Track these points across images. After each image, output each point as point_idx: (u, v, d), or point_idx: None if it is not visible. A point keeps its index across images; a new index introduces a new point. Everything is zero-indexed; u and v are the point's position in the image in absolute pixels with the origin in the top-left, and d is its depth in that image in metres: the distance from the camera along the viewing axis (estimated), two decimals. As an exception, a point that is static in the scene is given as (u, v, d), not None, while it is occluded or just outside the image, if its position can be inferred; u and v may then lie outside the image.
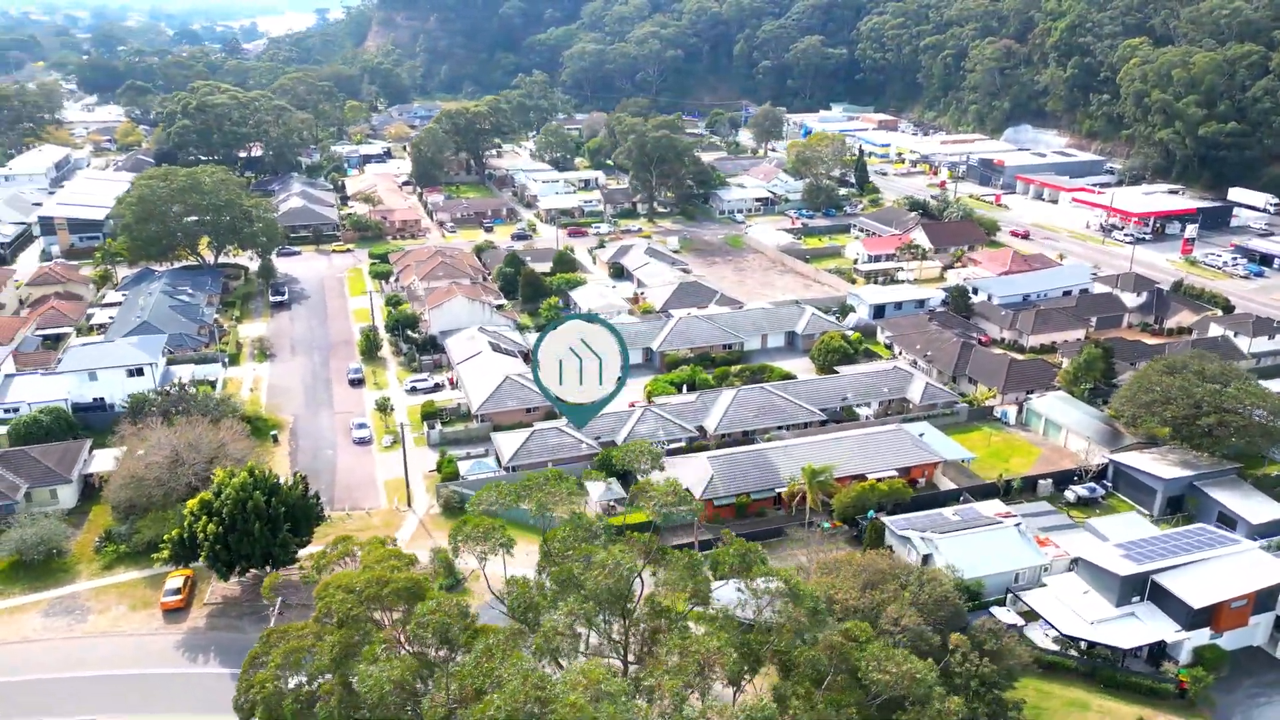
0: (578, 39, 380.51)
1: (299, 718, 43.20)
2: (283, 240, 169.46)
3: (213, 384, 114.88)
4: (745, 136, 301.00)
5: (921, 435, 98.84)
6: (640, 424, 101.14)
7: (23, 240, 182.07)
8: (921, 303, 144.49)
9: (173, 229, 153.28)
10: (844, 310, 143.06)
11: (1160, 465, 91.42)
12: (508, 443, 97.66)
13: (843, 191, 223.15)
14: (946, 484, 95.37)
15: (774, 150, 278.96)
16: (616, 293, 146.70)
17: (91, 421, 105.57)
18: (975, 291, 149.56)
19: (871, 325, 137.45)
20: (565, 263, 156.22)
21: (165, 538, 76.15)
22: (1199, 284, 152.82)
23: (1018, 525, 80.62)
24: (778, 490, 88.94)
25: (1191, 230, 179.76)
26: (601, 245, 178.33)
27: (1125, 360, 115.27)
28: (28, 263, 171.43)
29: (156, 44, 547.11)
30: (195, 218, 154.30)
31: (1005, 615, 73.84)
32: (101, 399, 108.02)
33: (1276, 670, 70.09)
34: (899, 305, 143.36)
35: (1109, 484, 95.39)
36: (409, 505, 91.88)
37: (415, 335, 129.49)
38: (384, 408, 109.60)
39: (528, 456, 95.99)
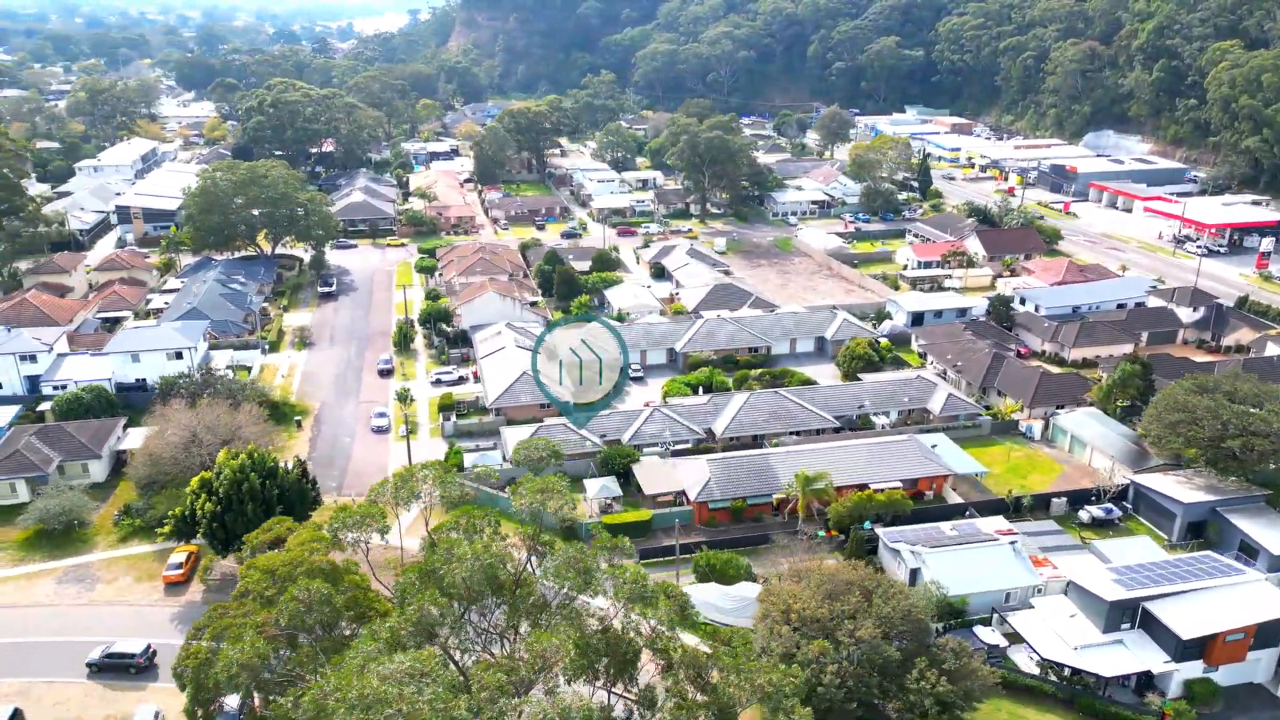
0: (652, 39, 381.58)
1: (220, 688, 45.23)
2: (337, 233, 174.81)
3: (248, 369, 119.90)
4: (812, 139, 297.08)
5: (934, 447, 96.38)
6: (648, 424, 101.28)
7: (103, 228, 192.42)
8: (964, 311, 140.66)
9: (233, 220, 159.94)
10: (879, 317, 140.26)
11: (1181, 488, 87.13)
12: (514, 437, 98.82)
13: (903, 196, 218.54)
14: (956, 498, 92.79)
15: (840, 153, 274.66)
16: (650, 293, 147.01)
17: (133, 401, 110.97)
18: (1023, 301, 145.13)
19: (906, 333, 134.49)
20: (605, 261, 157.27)
21: (169, 514, 79.78)
22: (1268, 300, 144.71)
23: (1013, 544, 77.98)
24: (775, 496, 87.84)
25: (1268, 244, 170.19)
26: (646, 245, 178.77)
27: (1168, 377, 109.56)
28: (104, 249, 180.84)
29: (256, 43, 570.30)
30: (255, 210, 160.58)
31: (989, 635, 71.62)
32: (144, 379, 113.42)
33: (1276, 709, 66.18)
34: (939, 313, 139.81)
35: (1129, 505, 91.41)
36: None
37: (447, 329, 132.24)
38: (404, 398, 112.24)
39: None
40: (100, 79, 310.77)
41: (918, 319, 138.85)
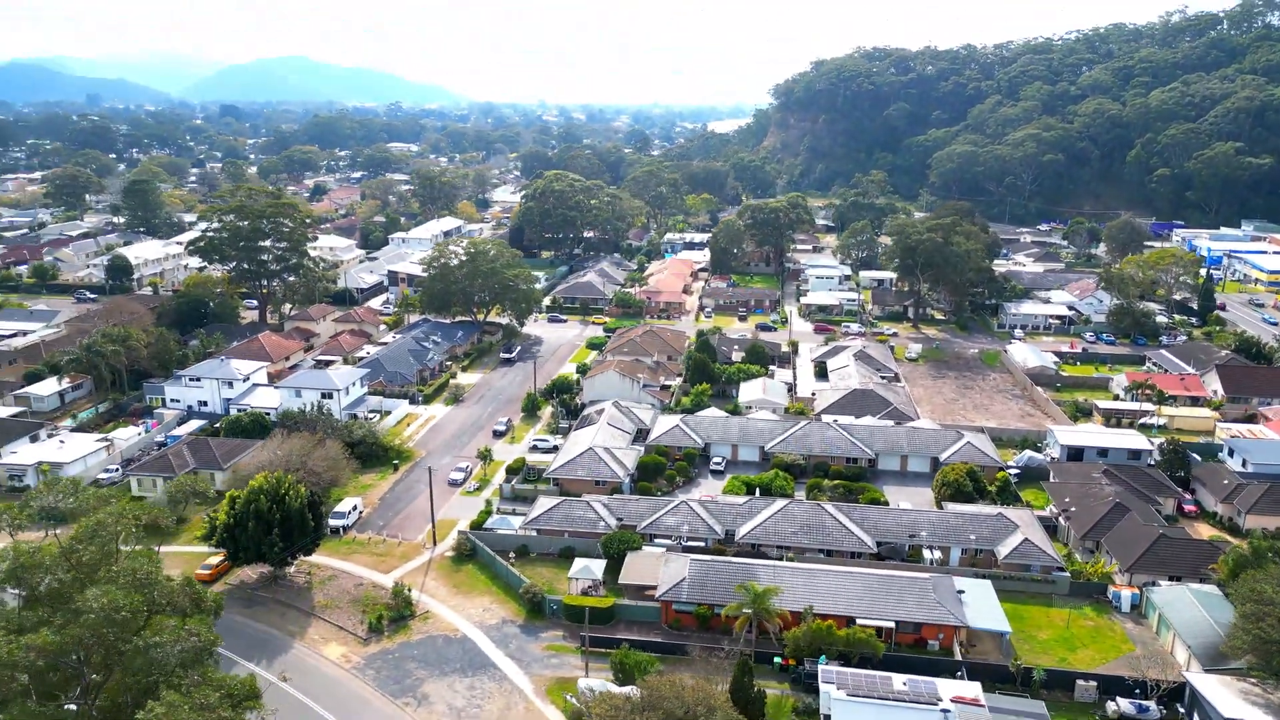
0: (955, 141, 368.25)
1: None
2: (537, 306, 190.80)
3: (388, 414, 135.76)
4: (1103, 249, 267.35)
5: (961, 593, 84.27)
6: (670, 515, 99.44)
7: (380, 288, 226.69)
8: (1137, 454, 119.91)
9: (452, 289, 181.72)
10: (1023, 446, 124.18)
11: (1238, 701, 68.11)
12: (539, 506, 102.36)
13: (1167, 319, 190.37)
14: (967, 654, 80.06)
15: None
16: (784, 389, 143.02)
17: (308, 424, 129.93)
18: (1231, 453, 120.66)
19: (1046, 468, 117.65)
20: (757, 354, 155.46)
21: (204, 522, 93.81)
22: None
23: (945, 713, 66.23)
24: (724, 611, 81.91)
25: None
26: (828, 343, 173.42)
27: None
28: (374, 305, 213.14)
29: (611, 140, 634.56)
30: (472, 282, 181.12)
31: (865, 810, 61.62)
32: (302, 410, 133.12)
33: None
34: (1103, 452, 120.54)
35: (1182, 708, 72.88)
36: (433, 543, 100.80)
37: (570, 400, 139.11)
38: (485, 457, 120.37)
39: (547, 522, 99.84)
40: (431, 166, 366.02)
41: (1075, 454, 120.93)
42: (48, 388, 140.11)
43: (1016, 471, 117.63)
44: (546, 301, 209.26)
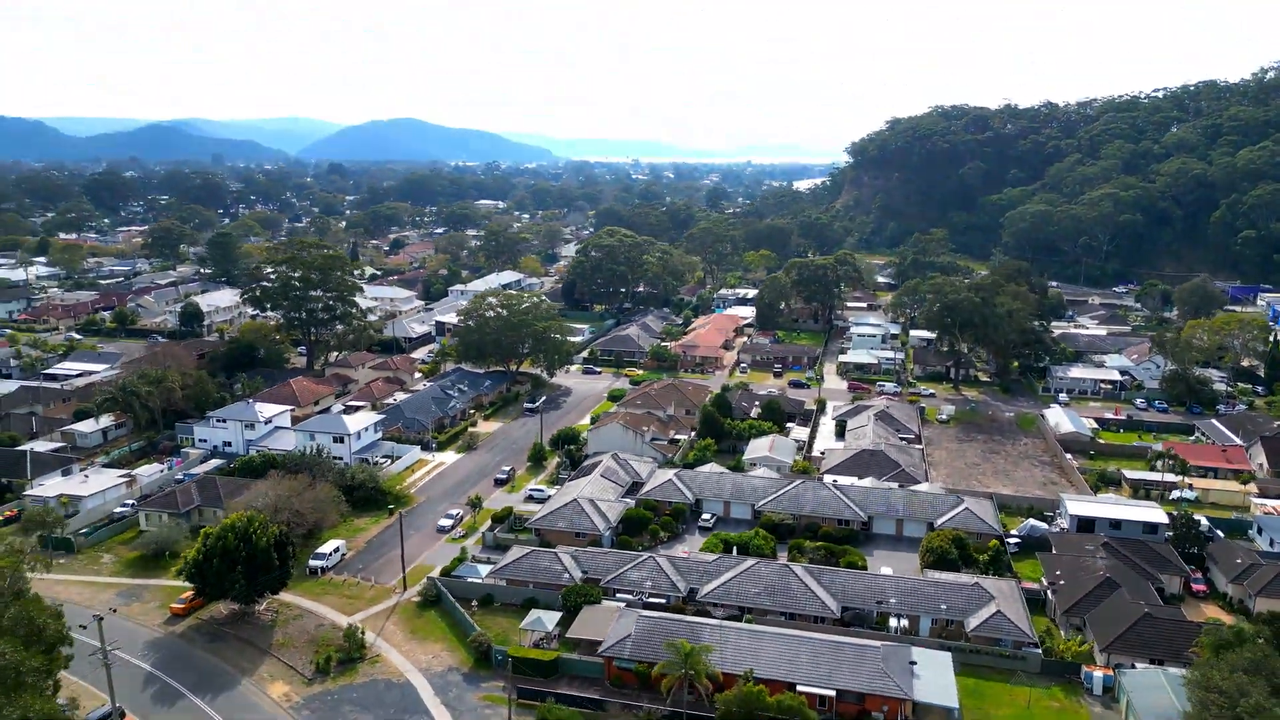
0: (1031, 200, 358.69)
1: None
2: (569, 358, 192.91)
3: (397, 459, 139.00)
4: (1176, 314, 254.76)
5: (913, 664, 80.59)
6: (635, 570, 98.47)
7: (429, 337, 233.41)
8: (1154, 528, 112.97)
9: (486, 340, 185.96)
10: (1028, 514, 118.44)
11: (1179, 798, 62.72)
12: (509, 556, 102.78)
13: (1228, 386, 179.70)
14: (911, 731, 76.34)
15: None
16: (788, 447, 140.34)
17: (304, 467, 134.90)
18: (1260, 530, 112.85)
19: (1047, 539, 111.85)
20: (773, 411, 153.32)
21: (182, 557, 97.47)
22: None
23: (849, 790, 63.05)
24: (655, 669, 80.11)
25: None
26: (854, 402, 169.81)
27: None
28: (420, 354, 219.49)
29: (691, 199, 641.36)
30: (505, 334, 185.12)
31: None
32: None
33: None
34: (1117, 524, 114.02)
35: (1129, 805, 67.50)
36: (404, 588, 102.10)
37: (575, 451, 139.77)
38: (475, 505, 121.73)
39: (514, 572, 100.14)
40: (508, 222, 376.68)
41: (1086, 525, 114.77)
42: (91, 425, 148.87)
43: (1017, 541, 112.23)
44: (584, 354, 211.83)
